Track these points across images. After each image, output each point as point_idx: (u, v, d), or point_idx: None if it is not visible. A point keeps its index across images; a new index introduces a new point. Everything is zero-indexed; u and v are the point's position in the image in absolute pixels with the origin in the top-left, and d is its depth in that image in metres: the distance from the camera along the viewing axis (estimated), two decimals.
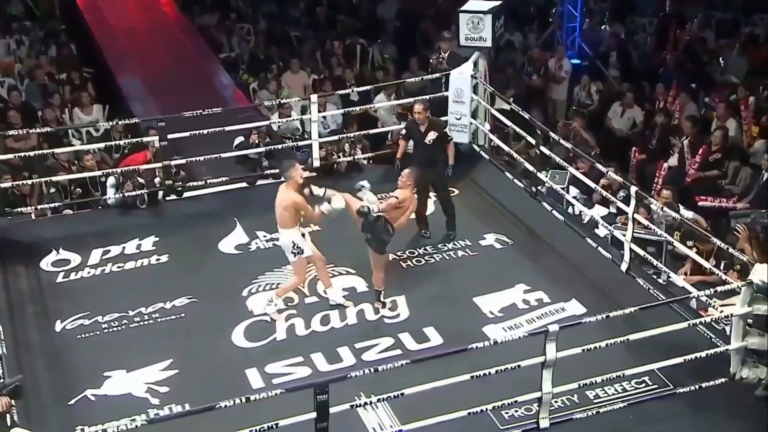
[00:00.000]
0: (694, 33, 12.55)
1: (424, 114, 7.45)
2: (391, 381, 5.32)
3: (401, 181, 6.74)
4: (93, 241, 7.41)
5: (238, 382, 5.88)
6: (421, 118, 7.49)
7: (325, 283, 6.69)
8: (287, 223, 6.33)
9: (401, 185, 6.72)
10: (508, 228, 7.74)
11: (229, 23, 13.77)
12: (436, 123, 7.56)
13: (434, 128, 7.50)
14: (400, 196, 6.61)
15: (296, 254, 6.40)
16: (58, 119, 10.12)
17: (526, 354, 5.35)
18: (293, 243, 6.35)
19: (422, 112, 7.45)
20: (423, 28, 13.46)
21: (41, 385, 5.82)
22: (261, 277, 7.05)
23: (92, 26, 13.34)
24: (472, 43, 8.64)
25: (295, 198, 6.27)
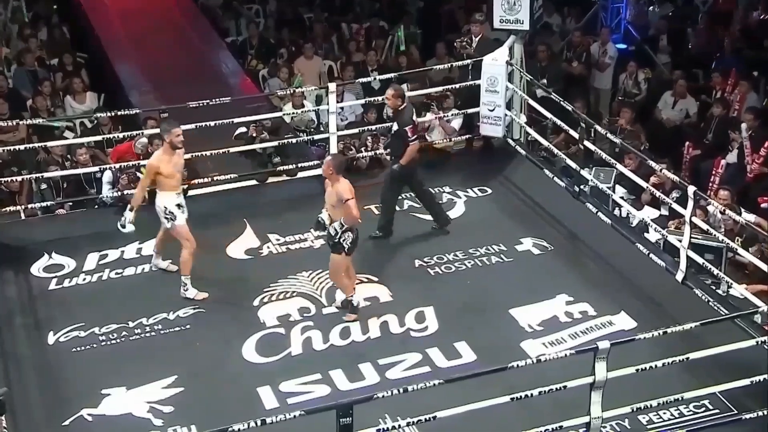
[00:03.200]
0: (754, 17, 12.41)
1: (392, 101, 7.42)
2: (419, 402, 5.27)
3: (324, 171, 6.47)
4: (89, 244, 7.41)
5: (249, 401, 5.85)
6: (389, 104, 7.51)
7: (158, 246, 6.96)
8: (160, 185, 6.54)
9: (326, 176, 6.44)
10: (548, 232, 7.67)
11: (236, 4, 13.76)
12: (400, 114, 7.45)
13: (398, 119, 7.45)
14: (342, 192, 6.32)
15: (169, 221, 6.60)
16: (48, 109, 10.15)
17: (569, 373, 5.29)
18: (165, 208, 6.59)
19: (390, 98, 7.43)
20: (449, 10, 13.40)
21: (32, 404, 5.81)
22: (274, 285, 7.03)
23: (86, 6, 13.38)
24: (507, 25, 8.60)
25: (151, 160, 6.54)
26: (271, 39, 12.73)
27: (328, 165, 6.43)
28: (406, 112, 7.43)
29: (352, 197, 6.34)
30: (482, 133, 8.91)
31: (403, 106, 7.43)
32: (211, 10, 13.77)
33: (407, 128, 7.35)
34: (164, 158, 6.56)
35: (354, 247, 6.51)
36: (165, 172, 6.55)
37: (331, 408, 4.88)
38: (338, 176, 6.39)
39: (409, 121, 7.38)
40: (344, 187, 6.35)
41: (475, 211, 8.16)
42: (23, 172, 8.54)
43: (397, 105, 7.41)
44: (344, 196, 6.30)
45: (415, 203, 8.23)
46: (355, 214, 6.37)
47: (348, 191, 6.34)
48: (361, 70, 11.33)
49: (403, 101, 7.45)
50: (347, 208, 6.32)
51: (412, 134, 7.38)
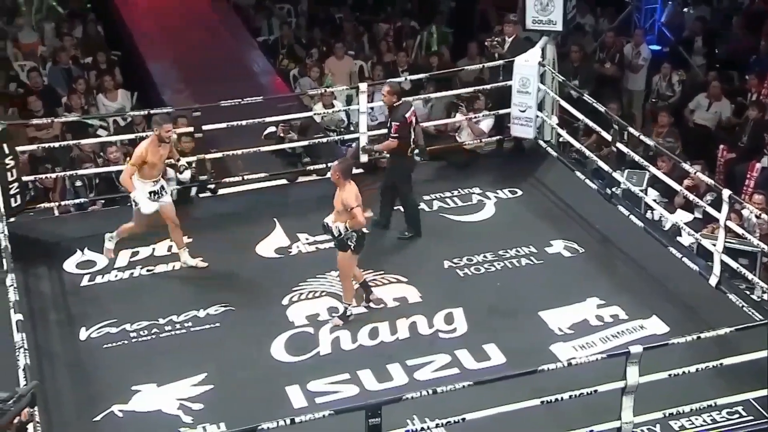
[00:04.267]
0: None
1: (388, 97, 7.48)
2: (447, 403, 5.27)
3: (332, 176, 6.50)
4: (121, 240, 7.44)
5: (278, 400, 5.87)
6: (385, 101, 7.55)
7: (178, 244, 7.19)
8: (139, 172, 6.88)
9: (333, 180, 6.46)
10: (579, 234, 7.62)
11: (268, 3, 13.83)
12: (394, 111, 7.48)
13: (391, 116, 7.50)
14: (348, 200, 6.32)
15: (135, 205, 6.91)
16: (82, 107, 10.26)
17: (599, 377, 5.26)
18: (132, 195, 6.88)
19: (386, 95, 7.49)
20: (482, 10, 13.35)
21: (64, 399, 5.87)
22: (303, 284, 7.05)
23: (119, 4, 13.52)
24: (539, 26, 8.55)
25: (140, 148, 6.83)
26: (303, 38, 12.77)
27: (335, 170, 6.44)
28: (400, 109, 7.48)
29: (357, 205, 6.34)
30: (513, 134, 8.87)
31: (398, 103, 7.47)
32: (243, 9, 13.85)
33: (393, 124, 7.41)
34: (151, 148, 6.85)
35: (360, 246, 6.48)
36: (149, 161, 6.84)
37: (360, 408, 4.89)
38: (345, 182, 6.39)
39: (399, 118, 7.42)
40: (350, 194, 6.35)
41: (505, 212, 8.12)
42: (57, 169, 8.64)
43: (392, 102, 7.47)
44: (350, 204, 6.31)
45: (444, 204, 8.23)
46: (360, 222, 6.37)
47: (354, 199, 6.34)
48: (392, 70, 11.33)
49: (399, 98, 7.51)
50: (353, 216, 6.33)
51: (395, 131, 7.41)
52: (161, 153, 6.90)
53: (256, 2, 14.00)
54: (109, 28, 13.08)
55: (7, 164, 7.30)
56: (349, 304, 6.62)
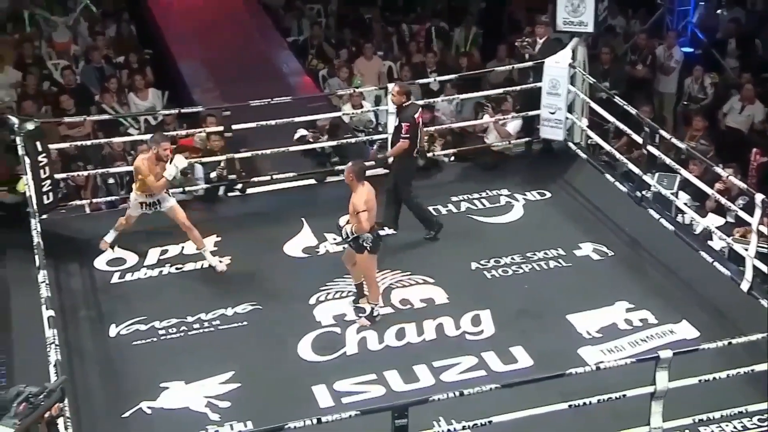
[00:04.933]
0: None
1: (397, 97, 7.50)
2: (474, 405, 5.26)
3: (345, 177, 6.55)
4: (150, 238, 7.51)
5: (304, 399, 5.89)
6: (394, 100, 7.56)
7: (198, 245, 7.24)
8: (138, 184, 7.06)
9: (347, 182, 6.49)
10: (608, 237, 7.57)
11: (298, 3, 13.87)
12: (403, 111, 7.50)
13: (400, 115, 7.51)
14: (357, 203, 6.34)
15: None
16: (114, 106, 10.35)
17: (628, 382, 5.23)
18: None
19: (395, 94, 7.51)
20: (511, 11, 13.30)
21: (94, 395, 5.92)
22: (330, 284, 7.07)
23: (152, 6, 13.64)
24: (570, 27, 8.51)
25: (137, 162, 6.96)
26: (332, 39, 12.80)
27: (348, 171, 6.46)
28: (408, 109, 7.49)
29: (364, 210, 6.34)
30: (542, 135, 8.83)
31: (407, 103, 7.49)
32: (273, 9, 13.90)
33: (404, 124, 7.41)
34: (149, 165, 6.92)
35: (377, 245, 6.49)
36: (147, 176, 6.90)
37: (387, 409, 4.89)
38: (358, 183, 6.40)
39: (408, 118, 7.43)
40: (359, 198, 6.35)
41: (533, 214, 8.09)
42: (88, 167, 8.72)
43: (402, 101, 7.49)
44: (357, 208, 6.33)
45: (472, 205, 8.21)
46: (363, 227, 6.36)
47: (362, 203, 6.34)
48: (420, 70, 11.32)
49: (408, 98, 7.53)
50: (358, 221, 6.34)
51: (405, 131, 7.41)
52: (157, 170, 6.92)
53: (286, 2, 14.05)
54: (141, 27, 13.20)
55: (40, 162, 7.38)
56: (376, 304, 6.62)
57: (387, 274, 7.18)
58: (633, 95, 10.04)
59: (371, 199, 6.43)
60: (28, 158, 7.20)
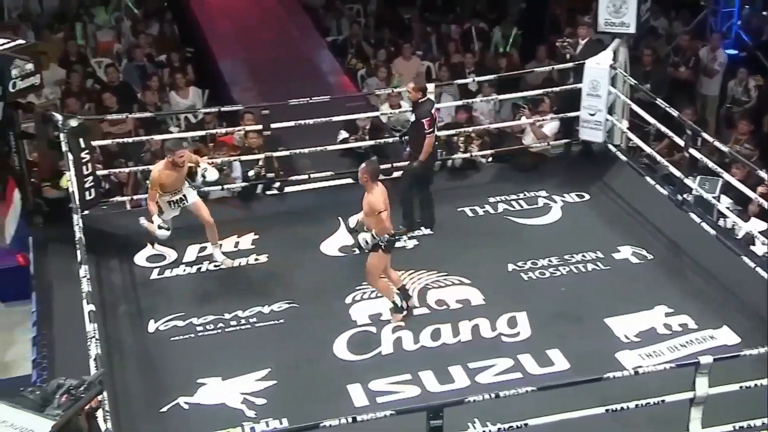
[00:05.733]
0: None
1: (413, 94, 7.46)
2: (509, 408, 5.23)
3: (360, 178, 6.40)
4: (189, 235, 7.55)
5: (339, 398, 5.90)
6: (410, 97, 7.54)
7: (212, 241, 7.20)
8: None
9: (362, 183, 6.37)
10: (648, 240, 7.48)
11: (338, 4, 13.92)
12: (419, 107, 7.45)
13: (416, 111, 7.46)
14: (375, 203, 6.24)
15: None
16: (156, 103, 10.48)
17: (666, 387, 5.16)
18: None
19: (411, 91, 7.47)
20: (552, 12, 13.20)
21: (132, 389, 5.99)
22: (366, 284, 7.03)
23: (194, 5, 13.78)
24: (612, 28, 8.41)
25: (154, 174, 6.90)
26: (371, 39, 12.82)
27: (363, 172, 6.37)
28: (425, 105, 7.47)
29: (385, 209, 6.31)
30: (581, 137, 8.74)
31: (423, 99, 7.47)
32: (313, 9, 13.97)
33: (424, 120, 7.38)
34: (166, 172, 6.87)
35: (392, 245, 6.47)
36: (166, 183, 6.88)
37: (422, 409, 4.88)
38: (373, 184, 6.35)
39: (427, 114, 7.40)
40: (377, 198, 6.30)
41: (571, 216, 8.02)
42: (130, 164, 8.83)
43: (418, 98, 7.47)
44: (377, 208, 6.27)
45: (509, 206, 8.16)
46: (387, 227, 6.34)
47: (381, 203, 6.29)
48: (459, 71, 11.29)
49: (424, 95, 7.50)
50: (380, 221, 6.30)
51: (428, 126, 7.39)
52: (176, 176, 6.92)
53: (326, 2, 14.11)
54: (183, 26, 13.33)
55: (83, 158, 7.49)
56: (394, 297, 6.60)
57: (423, 274, 7.17)
58: (675, 97, 9.91)
59: (386, 199, 6.43)
60: (71, 155, 7.30)
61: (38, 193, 7.87)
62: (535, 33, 12.53)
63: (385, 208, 6.34)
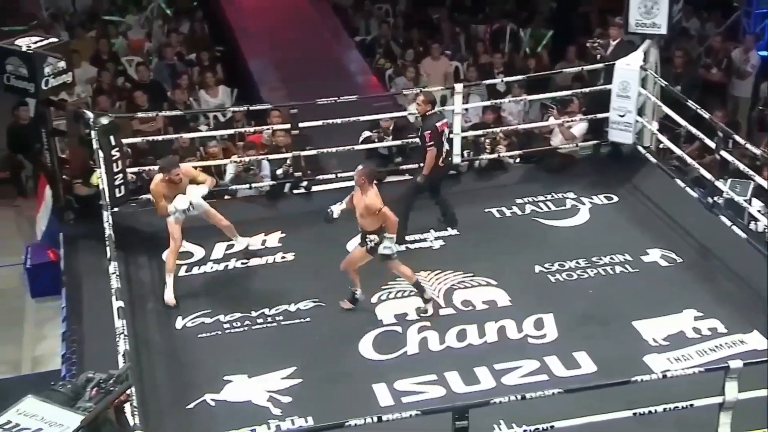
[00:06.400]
0: None
1: (422, 106, 7.40)
2: (535, 410, 5.21)
3: (356, 180, 6.51)
4: (217, 233, 7.58)
5: (364, 397, 5.91)
6: (419, 110, 7.46)
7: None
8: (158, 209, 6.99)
9: (359, 185, 6.48)
10: (677, 243, 7.41)
11: (367, 3, 13.93)
12: (426, 120, 7.38)
13: (423, 124, 7.40)
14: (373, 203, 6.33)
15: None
16: (185, 102, 10.55)
17: (694, 391, 5.11)
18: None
19: (420, 104, 7.40)
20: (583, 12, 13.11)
21: (159, 386, 6.04)
22: (392, 283, 7.07)
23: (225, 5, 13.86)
24: (643, 29, 8.35)
25: (152, 185, 6.92)
26: (400, 39, 12.81)
27: (360, 174, 6.45)
28: (431, 118, 7.39)
29: (384, 206, 6.38)
30: (611, 138, 8.68)
31: (431, 111, 7.40)
32: (342, 9, 13.98)
33: (426, 133, 7.32)
34: (162, 185, 6.89)
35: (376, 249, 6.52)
36: (168, 196, 6.87)
37: (448, 410, 4.87)
38: (370, 186, 6.43)
39: (430, 127, 7.34)
40: (374, 198, 6.38)
41: (599, 218, 7.97)
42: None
43: (426, 110, 7.40)
44: (377, 207, 6.34)
45: (537, 208, 8.12)
46: (393, 219, 6.42)
47: (379, 201, 6.38)
48: (488, 71, 11.25)
49: (433, 107, 7.45)
50: (386, 217, 6.38)
51: (429, 140, 7.32)
52: (176, 189, 6.89)
53: (355, 2, 14.12)
54: (213, 25, 13.41)
55: (113, 156, 7.55)
56: (357, 289, 6.72)
57: (449, 274, 7.16)
58: (706, 99, 9.80)
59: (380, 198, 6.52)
60: (102, 152, 7.37)
61: (69, 190, 7.95)
62: (565, 33, 12.45)
63: (383, 204, 6.42)
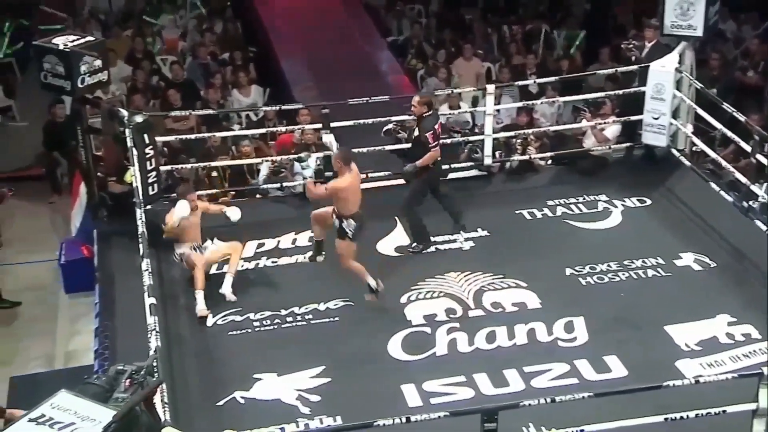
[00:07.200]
0: None
1: (418, 108, 7.30)
2: (565, 413, 5.18)
3: (333, 164, 6.69)
4: (248, 232, 7.64)
5: (393, 397, 5.90)
6: (415, 111, 7.36)
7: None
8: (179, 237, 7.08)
9: (336, 168, 6.62)
10: (711, 247, 7.33)
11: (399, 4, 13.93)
12: (423, 121, 7.29)
13: (420, 126, 7.31)
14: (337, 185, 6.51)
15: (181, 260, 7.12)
16: (218, 101, 10.63)
17: (727, 397, 5.05)
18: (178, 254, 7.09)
19: (416, 105, 7.30)
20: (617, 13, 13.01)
21: (190, 383, 6.08)
22: (421, 284, 7.06)
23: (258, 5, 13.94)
24: (678, 31, 8.24)
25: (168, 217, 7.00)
26: (432, 39, 12.79)
27: (335, 158, 6.63)
28: (429, 120, 7.31)
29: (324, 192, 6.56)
30: (644, 141, 8.60)
31: (428, 113, 7.31)
32: (374, 9, 14.01)
33: (428, 134, 7.26)
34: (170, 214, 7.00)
35: (358, 234, 6.62)
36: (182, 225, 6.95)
37: (477, 412, 4.85)
38: (346, 168, 6.51)
39: (430, 128, 7.27)
40: (340, 182, 6.50)
41: (632, 221, 7.89)
42: (191, 160, 8.96)
43: (422, 112, 7.32)
44: (338, 189, 6.49)
45: (568, 210, 8.07)
46: (350, 209, 6.53)
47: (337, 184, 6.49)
48: (520, 72, 11.20)
49: (429, 109, 7.33)
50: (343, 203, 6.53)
51: (432, 140, 7.27)
52: (192, 220, 6.99)
53: (387, 2, 14.13)
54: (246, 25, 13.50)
55: (147, 154, 7.62)
56: (369, 282, 6.69)
57: (479, 276, 7.13)
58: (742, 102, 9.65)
59: (355, 184, 6.60)
60: (136, 150, 7.44)
61: (103, 187, 8.04)
62: (598, 35, 12.36)
63: (331, 194, 6.53)
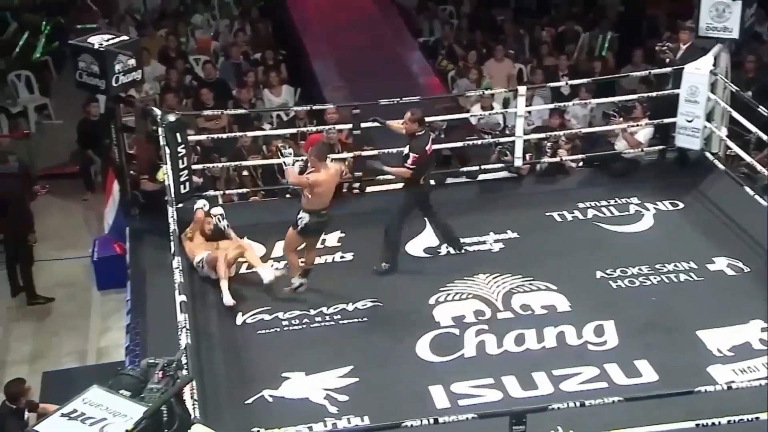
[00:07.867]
0: None
1: (409, 125, 6.90)
2: (594, 417, 5.15)
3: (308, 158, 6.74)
4: (277, 231, 7.64)
5: (421, 398, 5.89)
6: (406, 128, 6.94)
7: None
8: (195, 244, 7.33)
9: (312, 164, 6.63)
10: (745, 252, 7.23)
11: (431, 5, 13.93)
12: (414, 140, 6.93)
13: (410, 144, 6.96)
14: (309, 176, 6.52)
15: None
16: (250, 101, 10.69)
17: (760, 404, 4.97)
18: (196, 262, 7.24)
19: (408, 122, 6.91)
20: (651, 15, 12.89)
21: (219, 380, 6.11)
22: (450, 285, 7.04)
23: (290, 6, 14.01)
24: (714, 33, 8.14)
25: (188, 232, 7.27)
26: (464, 40, 12.77)
27: (310, 154, 6.66)
28: (421, 139, 6.93)
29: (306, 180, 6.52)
30: (677, 144, 8.50)
31: (420, 132, 6.94)
32: (406, 10, 14.02)
33: (412, 155, 6.90)
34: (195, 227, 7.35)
35: (307, 230, 6.65)
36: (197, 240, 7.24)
37: (505, 414, 4.84)
38: (320, 164, 6.53)
39: (419, 151, 6.88)
40: (314, 176, 6.49)
41: (664, 225, 7.81)
42: (223, 159, 9.02)
43: (414, 129, 6.90)
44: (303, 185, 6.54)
45: (599, 213, 8.01)
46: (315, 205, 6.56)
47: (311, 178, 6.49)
48: (552, 73, 11.14)
49: (421, 126, 6.92)
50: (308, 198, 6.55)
51: (412, 163, 6.88)
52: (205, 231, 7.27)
53: (419, 3, 14.13)
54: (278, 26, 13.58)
55: (179, 152, 7.68)
56: (294, 277, 6.83)
57: (508, 278, 7.10)
58: None
59: (328, 181, 6.57)
60: (168, 149, 7.49)
61: (136, 185, 8.12)
62: (632, 36, 12.26)
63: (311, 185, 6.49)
